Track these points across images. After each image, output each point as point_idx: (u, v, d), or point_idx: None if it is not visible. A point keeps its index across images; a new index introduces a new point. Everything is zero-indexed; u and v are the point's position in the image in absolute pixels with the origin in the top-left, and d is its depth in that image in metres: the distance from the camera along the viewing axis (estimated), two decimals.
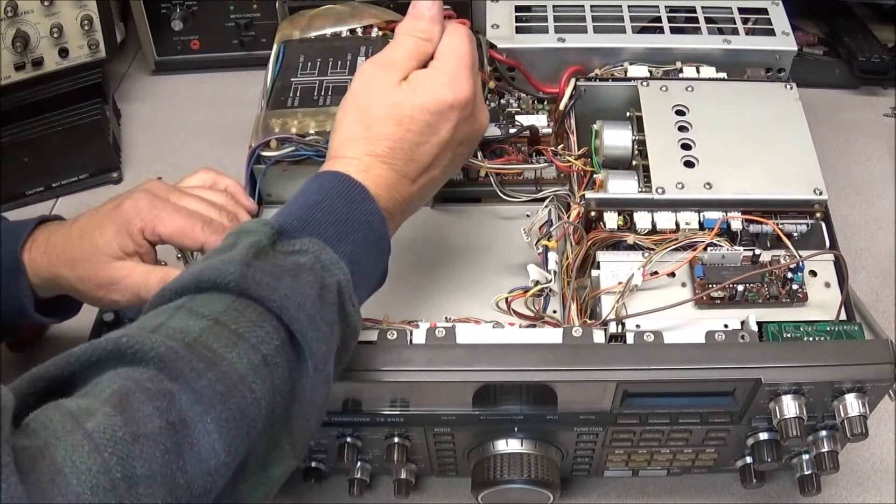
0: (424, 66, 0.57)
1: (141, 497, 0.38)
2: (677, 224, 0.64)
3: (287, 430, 0.47)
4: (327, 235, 0.50)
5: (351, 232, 0.51)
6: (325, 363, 0.47)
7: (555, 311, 0.64)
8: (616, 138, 0.68)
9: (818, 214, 0.65)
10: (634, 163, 0.68)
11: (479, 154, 0.67)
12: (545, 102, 0.74)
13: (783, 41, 0.75)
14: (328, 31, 0.76)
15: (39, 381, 0.42)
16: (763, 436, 0.61)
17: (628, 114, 0.70)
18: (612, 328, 0.59)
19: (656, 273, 0.61)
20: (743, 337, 0.58)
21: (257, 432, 0.44)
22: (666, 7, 0.77)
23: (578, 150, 0.70)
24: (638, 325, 0.59)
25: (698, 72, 0.74)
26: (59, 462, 0.37)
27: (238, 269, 0.46)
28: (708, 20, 0.77)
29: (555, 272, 0.63)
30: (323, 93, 0.71)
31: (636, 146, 0.68)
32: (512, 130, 0.70)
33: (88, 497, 0.37)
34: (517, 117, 0.72)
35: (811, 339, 0.59)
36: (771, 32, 0.76)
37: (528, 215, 0.65)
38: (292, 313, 0.46)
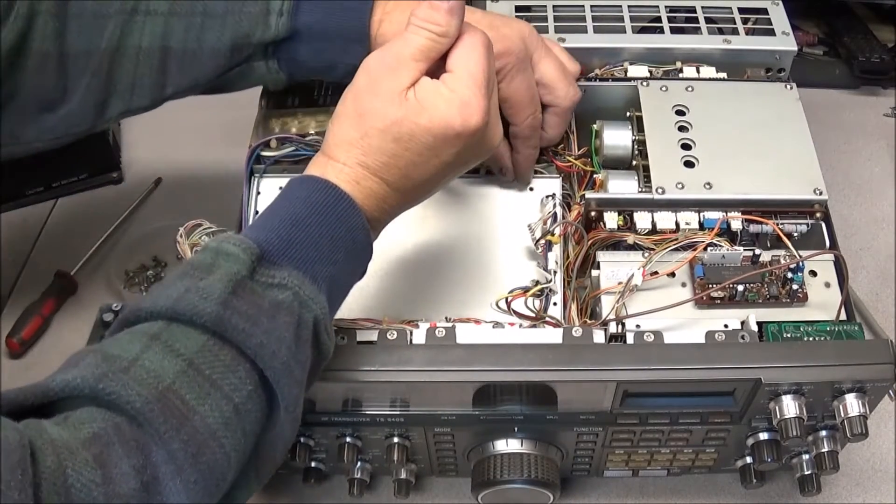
0: (437, 67, 0.52)
1: None
2: (677, 224, 0.64)
3: (254, 463, 0.47)
4: (309, 257, 0.49)
5: (334, 252, 0.50)
6: (296, 405, 0.47)
7: (555, 303, 0.64)
8: (616, 138, 0.68)
9: (818, 214, 0.65)
10: (634, 163, 0.68)
11: None
12: None
13: (783, 41, 0.75)
14: None
15: (14, 406, 0.42)
16: (763, 436, 0.61)
17: (628, 114, 0.70)
18: (612, 328, 0.59)
19: (656, 273, 0.61)
20: (743, 337, 0.58)
21: (226, 483, 0.45)
22: (666, 7, 0.77)
23: (578, 149, 0.70)
24: (638, 325, 0.59)
25: (698, 72, 0.74)
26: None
27: (215, 308, 0.45)
28: (708, 20, 0.77)
29: (555, 272, 0.63)
30: (323, 93, 0.71)
31: (636, 146, 0.68)
32: None
33: None
34: None
35: (811, 339, 0.59)
36: (771, 32, 0.76)
37: (529, 226, 0.65)
38: (266, 361, 0.45)
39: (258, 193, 0.69)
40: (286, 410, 0.47)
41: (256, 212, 0.68)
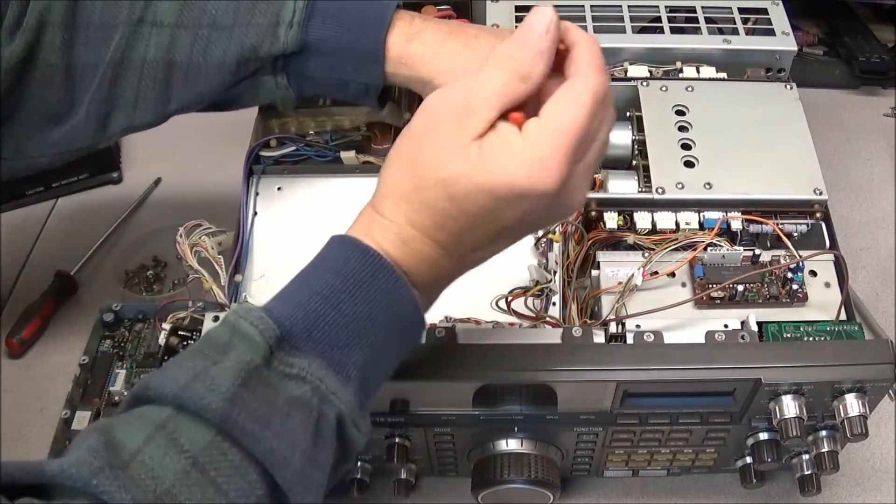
0: (518, 112, 0.44)
1: None
2: (677, 224, 0.64)
3: None
4: (338, 341, 0.43)
5: (371, 333, 0.44)
6: None
7: (555, 303, 0.64)
8: (616, 138, 0.68)
9: (818, 214, 0.65)
10: (634, 163, 0.68)
11: None
12: None
13: (783, 41, 0.75)
14: None
15: (9, 481, 0.38)
16: (763, 436, 0.61)
17: (628, 114, 0.70)
18: (612, 328, 0.59)
19: (656, 273, 0.61)
20: (743, 337, 0.58)
21: None
22: (666, 7, 0.77)
23: None
24: (638, 325, 0.59)
25: (698, 72, 0.74)
26: None
27: (221, 405, 0.40)
28: (708, 20, 0.77)
29: (555, 272, 0.63)
30: None
31: (636, 146, 0.68)
32: None
33: None
34: None
35: (811, 339, 0.59)
36: (771, 32, 0.76)
37: None
38: (277, 469, 0.41)
39: (257, 194, 0.69)
40: None
41: (255, 212, 0.68)
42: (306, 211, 0.67)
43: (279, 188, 0.66)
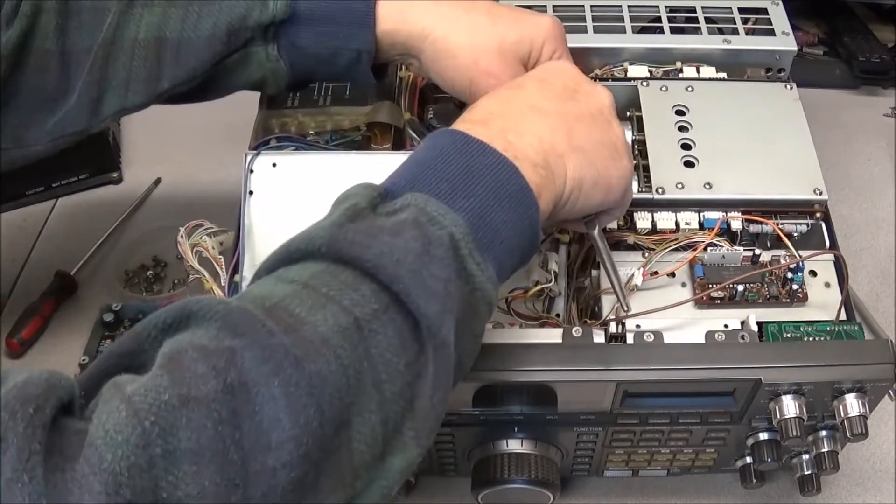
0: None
1: (183, 477, 0.32)
2: (677, 224, 0.64)
3: (409, 411, 0.40)
4: (439, 190, 0.44)
5: (470, 185, 0.44)
6: (440, 326, 0.40)
7: (558, 315, 0.64)
8: None
9: (818, 214, 0.65)
10: (634, 163, 0.68)
11: None
12: None
13: (783, 41, 0.75)
14: None
15: (112, 359, 0.38)
16: (763, 436, 0.61)
17: (628, 114, 0.70)
18: (612, 328, 0.59)
19: (656, 273, 0.61)
20: (743, 337, 0.58)
21: (340, 407, 0.37)
22: (666, 7, 0.77)
23: None
24: (638, 325, 0.59)
25: (698, 72, 0.74)
26: (92, 434, 0.32)
27: (328, 231, 0.41)
28: (708, 20, 0.77)
29: (555, 272, 0.63)
30: (323, 93, 0.71)
31: (636, 146, 0.68)
32: None
33: (125, 478, 0.31)
34: None
35: (811, 339, 0.58)
36: (771, 32, 0.76)
37: None
38: (390, 270, 0.39)
39: (251, 171, 0.68)
40: (430, 333, 0.40)
41: (251, 192, 0.67)
42: (303, 186, 0.65)
43: (274, 164, 0.65)
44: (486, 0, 0.61)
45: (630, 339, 0.58)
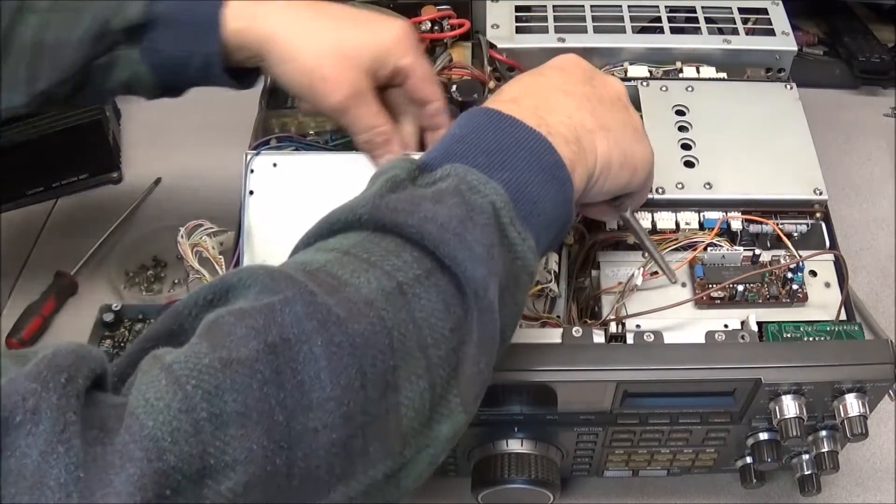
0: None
1: (231, 440, 0.32)
2: (677, 224, 0.64)
3: (454, 377, 0.39)
4: (477, 163, 0.44)
5: (507, 158, 0.45)
6: (485, 290, 0.40)
7: (558, 316, 0.64)
8: None
9: (818, 214, 0.65)
10: None
11: None
12: None
13: (783, 41, 0.75)
14: None
15: (149, 342, 0.37)
16: (763, 436, 0.61)
17: None
18: (612, 328, 0.59)
19: (656, 273, 0.61)
20: (743, 337, 0.58)
21: (383, 369, 0.36)
22: (666, 7, 0.77)
23: None
24: (638, 325, 0.59)
25: (698, 72, 0.74)
26: (132, 404, 0.32)
27: (370, 201, 0.41)
28: (708, 20, 0.77)
29: (555, 272, 0.63)
30: None
31: None
32: None
33: (168, 443, 0.31)
34: None
35: (811, 339, 0.59)
36: (771, 32, 0.76)
37: None
38: (435, 235, 0.39)
39: (252, 171, 0.68)
40: (476, 297, 0.40)
41: (251, 192, 0.67)
42: (304, 186, 0.65)
43: (274, 164, 0.65)
44: (338, 2, 0.61)
45: (630, 339, 0.58)
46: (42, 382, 0.31)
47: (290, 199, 0.62)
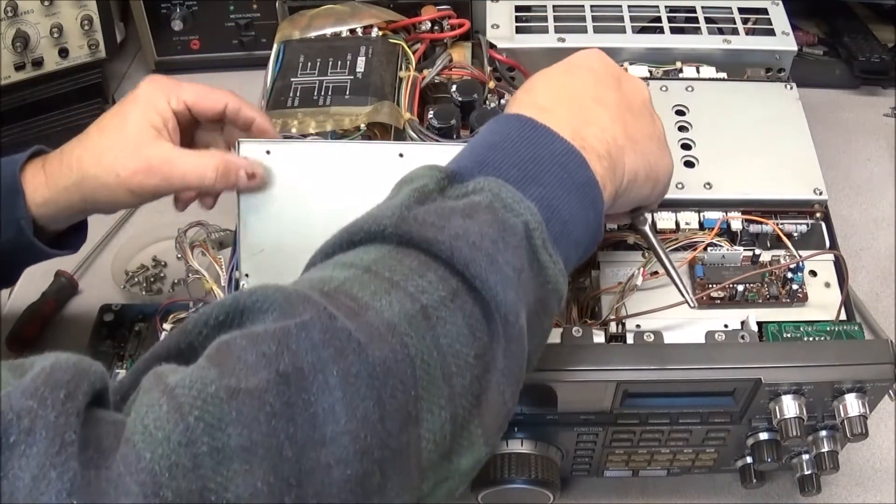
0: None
1: (235, 476, 0.30)
2: (677, 224, 0.64)
3: (476, 407, 0.37)
4: (509, 176, 0.42)
5: (540, 173, 0.43)
6: (516, 316, 0.38)
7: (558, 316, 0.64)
8: None
9: (818, 214, 0.65)
10: None
11: None
12: None
13: (783, 41, 0.75)
14: (328, 31, 0.76)
15: (156, 361, 0.35)
16: (763, 436, 0.61)
17: None
18: (612, 328, 0.59)
19: (656, 273, 0.61)
20: (743, 337, 0.58)
21: (404, 401, 0.34)
22: (666, 7, 0.77)
23: None
24: (638, 325, 0.59)
25: (698, 72, 0.74)
26: (130, 428, 0.30)
27: (397, 212, 0.38)
28: (708, 20, 0.77)
29: None
30: (323, 93, 0.70)
31: None
32: None
33: (166, 478, 0.29)
34: None
35: (811, 339, 0.59)
36: (771, 32, 0.76)
37: None
38: (466, 253, 0.37)
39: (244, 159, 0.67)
40: (506, 322, 0.38)
41: None
42: (298, 173, 0.64)
43: (268, 151, 0.64)
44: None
45: (630, 339, 0.58)
46: (39, 399, 0.29)
47: (285, 186, 0.62)
